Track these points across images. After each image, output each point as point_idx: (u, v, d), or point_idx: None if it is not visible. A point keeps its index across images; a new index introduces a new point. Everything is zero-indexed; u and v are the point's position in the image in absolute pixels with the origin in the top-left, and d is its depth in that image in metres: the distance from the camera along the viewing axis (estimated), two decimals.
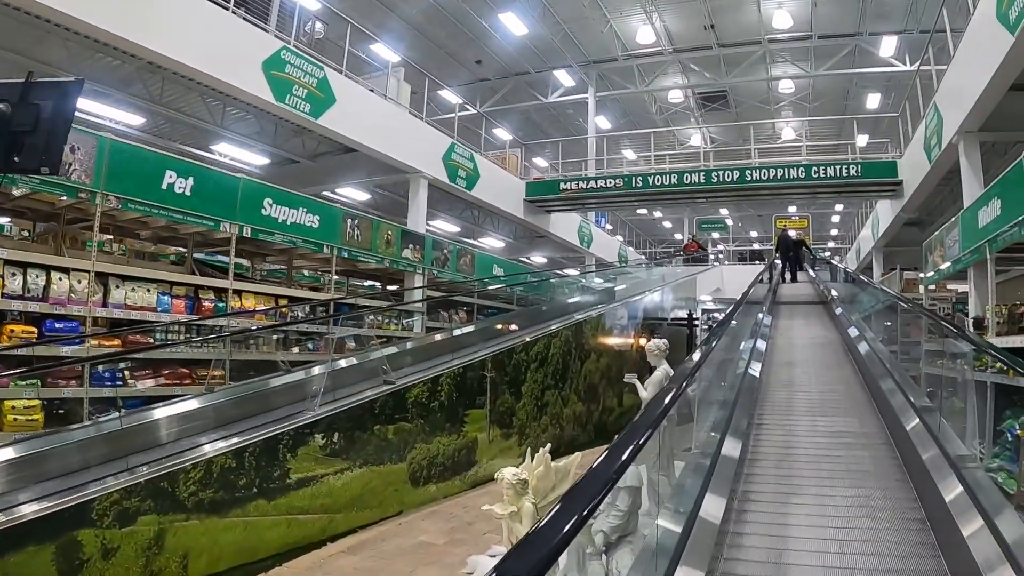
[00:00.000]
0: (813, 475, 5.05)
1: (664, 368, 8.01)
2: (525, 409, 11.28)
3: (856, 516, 4.30)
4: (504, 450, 10.56)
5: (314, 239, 11.68)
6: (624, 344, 15.96)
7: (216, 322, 9.87)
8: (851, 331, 10.88)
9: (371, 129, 14.17)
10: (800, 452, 5.60)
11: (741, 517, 4.37)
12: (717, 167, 20.35)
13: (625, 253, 31.27)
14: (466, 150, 17.65)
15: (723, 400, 6.05)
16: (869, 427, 6.27)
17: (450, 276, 15.41)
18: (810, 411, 6.89)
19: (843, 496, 4.61)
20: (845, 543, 3.92)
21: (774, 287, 17.59)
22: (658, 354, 8.16)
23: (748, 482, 4.97)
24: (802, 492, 4.73)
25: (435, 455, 9.09)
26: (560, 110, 28.38)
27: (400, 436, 8.56)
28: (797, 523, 4.24)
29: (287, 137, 15.50)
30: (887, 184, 18.00)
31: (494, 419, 10.46)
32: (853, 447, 5.70)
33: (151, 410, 6.64)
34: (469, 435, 9.88)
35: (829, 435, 6.07)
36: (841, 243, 40.47)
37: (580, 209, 23.52)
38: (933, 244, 12.40)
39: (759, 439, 5.95)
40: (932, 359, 9.54)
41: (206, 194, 9.52)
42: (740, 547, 4.00)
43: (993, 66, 9.33)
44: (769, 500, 4.64)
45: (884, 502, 4.50)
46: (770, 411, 6.93)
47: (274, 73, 12.01)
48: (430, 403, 9.09)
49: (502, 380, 10.74)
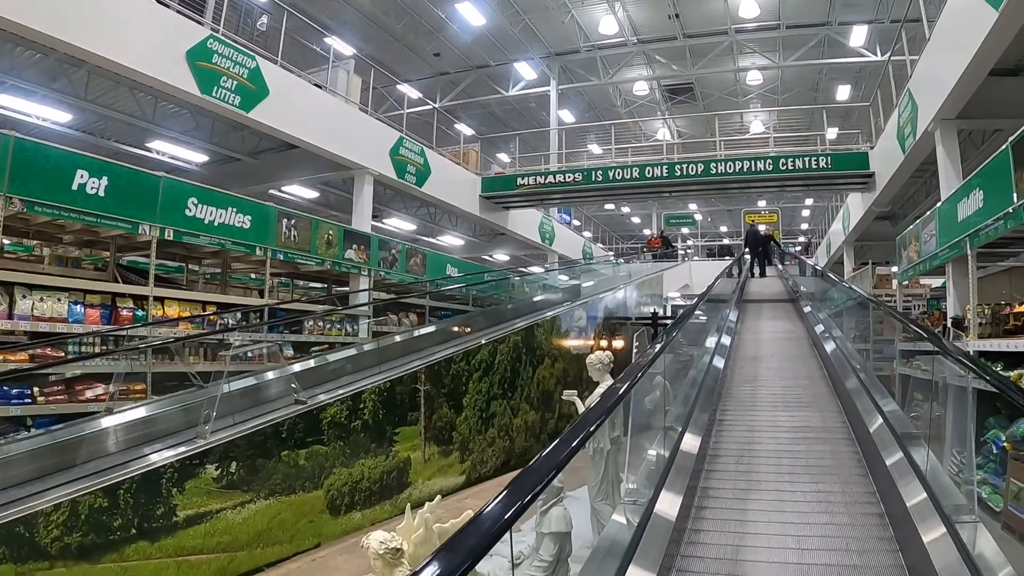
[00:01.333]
0: (773, 471, 4.98)
1: (608, 384, 7.26)
2: (467, 423, 10.48)
3: (815, 512, 4.26)
4: (443, 468, 9.79)
5: (245, 241, 10.92)
6: (583, 347, 15.24)
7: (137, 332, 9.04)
8: (818, 328, 10.64)
9: (310, 123, 13.33)
10: (762, 449, 5.51)
11: (700, 514, 4.30)
12: (682, 160, 19.68)
13: (590, 250, 30.56)
14: (416, 145, 16.80)
15: (684, 396, 5.95)
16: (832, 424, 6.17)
17: (399, 277, 14.62)
18: (773, 407, 6.79)
19: (803, 492, 4.57)
20: (803, 539, 3.88)
21: (742, 283, 17.08)
22: (600, 368, 7.42)
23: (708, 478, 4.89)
24: (761, 488, 4.67)
25: (358, 480, 8.25)
26: (522, 104, 27.63)
27: (314, 461, 7.71)
28: (755, 519, 4.18)
29: (225, 133, 14.67)
30: (858, 176, 17.46)
31: (430, 436, 9.66)
32: (815, 442, 5.64)
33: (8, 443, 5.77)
34: (400, 455, 9.05)
35: (790, 430, 5.98)
36: (812, 237, 40.27)
37: (539, 205, 22.71)
38: (907, 238, 11.81)
39: (720, 435, 5.85)
40: (904, 360, 9.19)
41: (122, 194, 8.79)
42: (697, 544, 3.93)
43: (973, 47, 8.72)
44: (729, 496, 4.57)
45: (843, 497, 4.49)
46: (733, 407, 6.76)
47: (200, 64, 11.13)
48: (351, 423, 8.25)
49: (439, 393, 9.93)
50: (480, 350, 10.91)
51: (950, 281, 9.75)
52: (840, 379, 7.27)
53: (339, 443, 8.04)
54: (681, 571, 3.60)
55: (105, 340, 8.52)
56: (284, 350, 11.29)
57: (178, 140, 14.77)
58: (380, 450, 8.70)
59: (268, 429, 7.10)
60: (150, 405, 7.05)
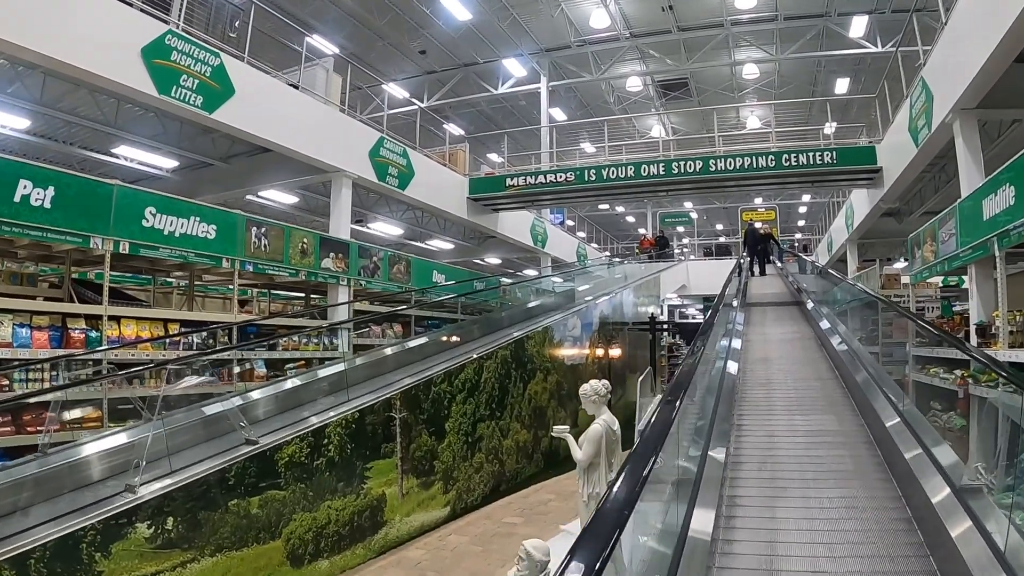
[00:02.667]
0: (797, 477, 5.01)
1: (605, 419, 6.41)
2: (451, 449, 9.63)
3: (843, 518, 4.30)
4: (424, 502, 8.92)
5: (211, 252, 10.14)
6: (577, 356, 14.43)
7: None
8: (824, 326, 10.48)
9: (282, 124, 12.45)
10: (783, 455, 5.53)
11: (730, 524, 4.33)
12: (678, 157, 18.70)
13: (584, 252, 29.69)
14: (398, 145, 15.90)
15: (703, 404, 5.80)
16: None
17: (381, 286, 13.77)
18: (788, 411, 6.83)
19: (828, 497, 4.60)
20: (833, 546, 3.92)
21: (743, 286, 16.38)
22: (596, 400, 6.57)
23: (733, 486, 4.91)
24: (787, 495, 4.70)
25: (324, 524, 7.35)
26: (512, 102, 26.84)
27: (270, 508, 6.81)
28: (785, 527, 4.22)
29: (194, 137, 13.79)
30: (865, 172, 16.60)
31: (408, 467, 8.78)
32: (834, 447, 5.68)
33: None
34: (373, 492, 8.16)
35: (808, 434, 6.03)
36: (810, 234, 39.63)
37: (530, 206, 21.72)
38: (922, 237, 10.99)
39: (740, 441, 5.89)
40: (920, 367, 8.65)
41: (71, 205, 8.04)
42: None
43: (999, 32, 7.89)
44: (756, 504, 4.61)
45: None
46: (749, 411, 6.83)
47: (156, 62, 10.25)
48: (313, 461, 7.35)
49: (417, 419, 9.04)
50: (464, 369, 10.05)
51: (973, 284, 8.94)
52: (853, 380, 7.16)
53: (299, 485, 7.14)
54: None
55: (55, 366, 7.76)
56: (256, 369, 10.56)
57: (145, 145, 13.87)
58: (349, 489, 7.81)
59: (212, 476, 6.22)
60: (76, 447, 6.17)
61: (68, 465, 5.84)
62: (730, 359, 8.07)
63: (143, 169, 14.98)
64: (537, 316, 13.83)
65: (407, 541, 8.40)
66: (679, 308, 35.29)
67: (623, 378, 17.81)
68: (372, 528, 8.05)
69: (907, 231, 19.38)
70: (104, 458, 6.00)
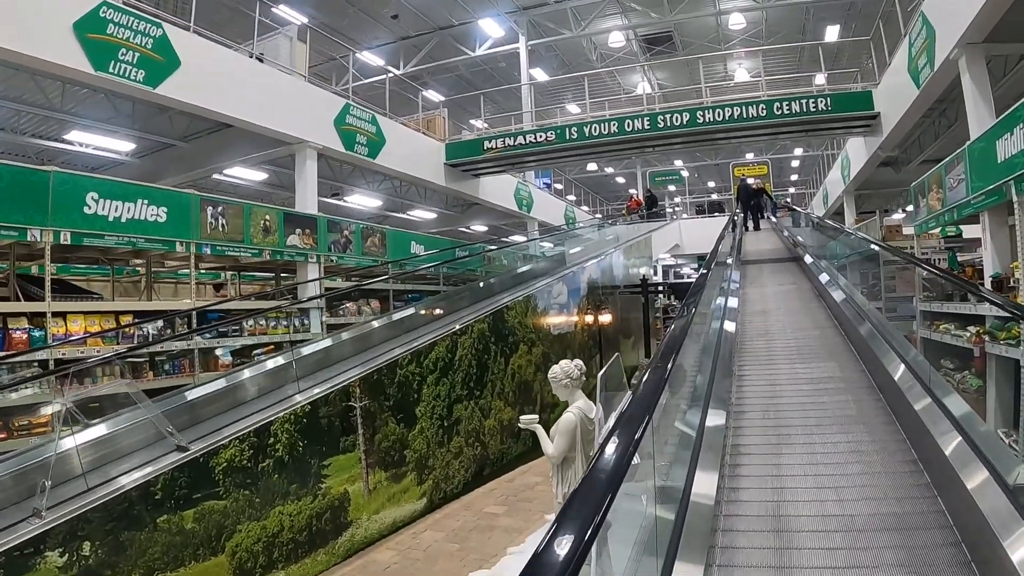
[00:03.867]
0: (800, 424, 4.98)
1: (579, 406, 5.59)
2: (423, 436, 8.95)
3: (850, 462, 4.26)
4: (395, 496, 8.27)
5: (162, 237, 9.50)
6: (565, 325, 13.77)
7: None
8: (823, 278, 10.05)
9: (236, 95, 11.63)
10: (786, 402, 5.48)
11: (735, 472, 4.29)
12: (665, 110, 17.78)
13: (573, 215, 28.87)
14: (366, 112, 15.04)
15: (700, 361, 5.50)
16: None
17: (355, 261, 13.06)
18: (790, 360, 6.74)
19: (833, 443, 4.58)
20: (841, 489, 3.88)
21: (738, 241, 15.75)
22: (568, 384, 5.77)
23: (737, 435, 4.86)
24: (792, 442, 4.67)
25: (276, 532, 6.68)
26: (492, 64, 25.82)
27: (209, 521, 6.14)
28: (791, 473, 4.19)
29: (149, 117, 12.99)
30: (861, 119, 15.79)
31: (374, 461, 8.10)
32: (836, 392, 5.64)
33: None
34: (334, 491, 7.47)
35: (811, 382, 5.96)
36: (804, 188, 38.89)
37: (511, 169, 20.87)
38: (926, 185, 10.26)
39: (742, 391, 5.82)
40: (932, 324, 8.13)
41: (3, 197, 7.52)
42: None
43: None
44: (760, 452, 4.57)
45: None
46: (750, 362, 6.75)
47: (91, 36, 9.41)
48: (257, 464, 6.66)
49: (381, 407, 8.34)
50: (435, 347, 9.35)
51: (987, 233, 8.24)
52: (855, 332, 6.87)
53: (243, 492, 6.46)
54: (726, 531, 3.54)
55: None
56: (222, 358, 9.91)
57: (98, 129, 13.05)
58: (304, 490, 7.12)
59: (134, 492, 5.52)
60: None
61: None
62: (727, 318, 7.63)
63: (102, 155, 14.28)
64: (520, 284, 13.14)
65: (377, 541, 7.76)
66: (673, 268, 34.67)
67: (616, 343, 17.20)
68: (335, 531, 7.39)
69: (906, 181, 18.69)
70: (18, 478, 5.31)
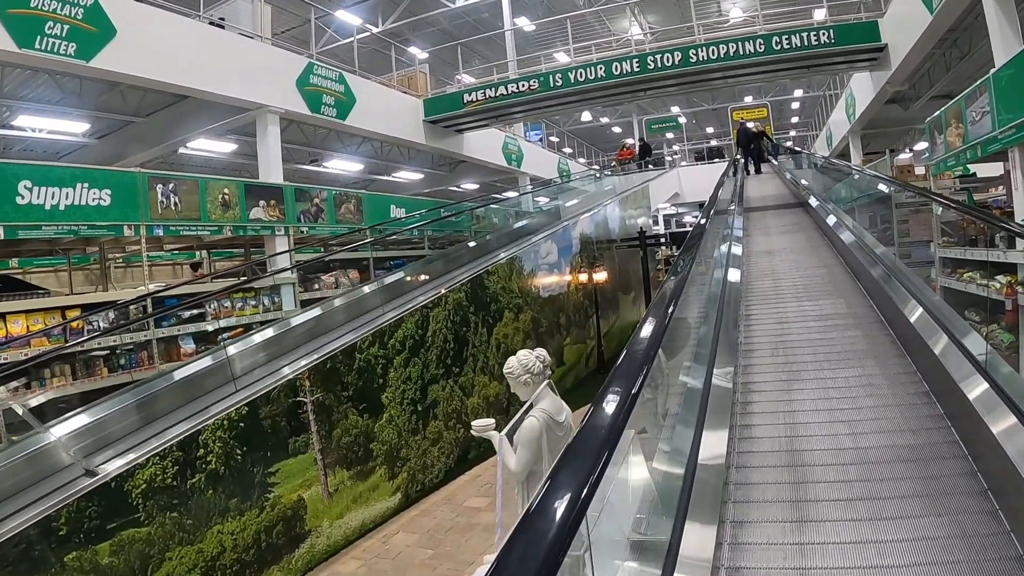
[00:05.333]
0: (811, 359, 4.93)
1: (545, 408, 4.21)
2: (393, 425, 8.14)
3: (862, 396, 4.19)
4: (363, 496, 7.47)
5: (106, 221, 8.75)
6: (556, 285, 12.95)
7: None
8: (830, 220, 9.43)
9: (182, 62, 10.67)
10: (795, 339, 5.44)
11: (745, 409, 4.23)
12: (655, 50, 16.51)
13: (566, 167, 27.76)
14: (332, 71, 13.98)
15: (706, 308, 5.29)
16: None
17: (328, 230, 12.23)
18: (796, 298, 6.69)
19: (844, 377, 4.52)
20: (854, 423, 3.81)
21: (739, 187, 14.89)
22: (527, 380, 4.33)
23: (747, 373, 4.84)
24: (803, 377, 4.62)
25: (217, 554, 5.89)
26: (475, 16, 24.47)
27: (130, 552, 5.33)
28: (803, 408, 4.13)
29: (99, 93, 12.14)
30: (867, 51, 14.62)
31: (334, 459, 7.29)
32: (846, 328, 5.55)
33: None
34: (284, 500, 6.66)
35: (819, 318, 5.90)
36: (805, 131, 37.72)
37: (495, 123, 19.70)
38: (943, 119, 9.31)
39: (751, 329, 5.81)
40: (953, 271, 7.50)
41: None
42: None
43: None
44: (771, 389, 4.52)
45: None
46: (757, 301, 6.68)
47: (11, 12, 8.51)
48: (185, 481, 5.83)
49: (338, 398, 7.49)
50: (401, 325, 8.49)
51: (1017, 171, 7.38)
52: (864, 268, 6.65)
53: (170, 515, 5.66)
54: (740, 468, 3.49)
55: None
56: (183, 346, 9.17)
57: (47, 112, 12.26)
58: (247, 504, 6.33)
59: (32, 530, 4.69)
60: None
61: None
62: (731, 265, 7.28)
63: (59, 139, 13.62)
64: (502, 247, 12.28)
65: (344, 548, 7.03)
66: (674, 217, 33.76)
67: (615, 301, 16.43)
68: (290, 543, 6.63)
69: (914, 118, 17.72)
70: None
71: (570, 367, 12.73)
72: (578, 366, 13.12)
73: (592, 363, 13.72)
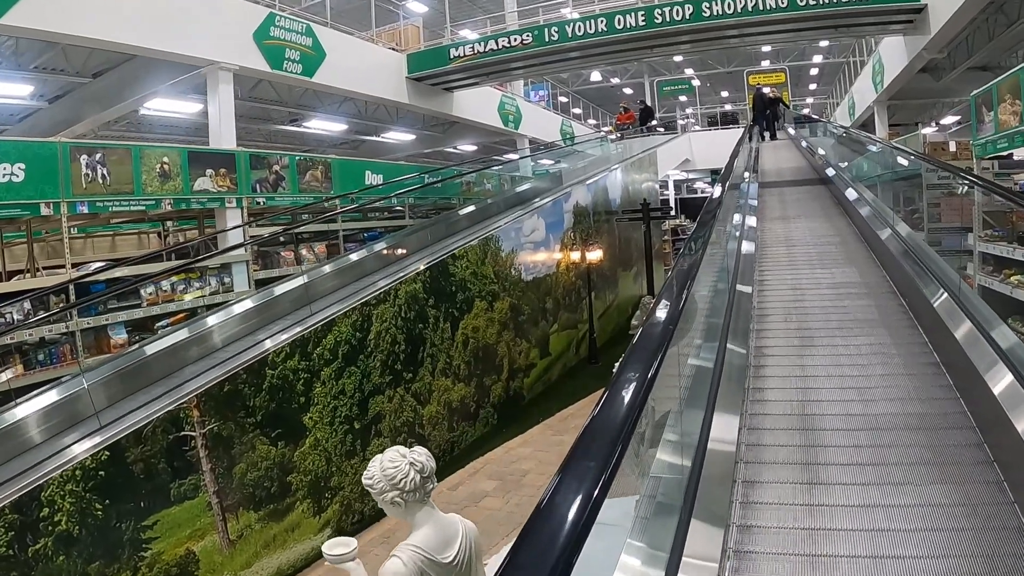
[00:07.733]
0: (823, 327, 4.92)
1: (422, 539, 2.77)
2: (319, 451, 6.90)
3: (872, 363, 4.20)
4: (277, 538, 6.28)
5: (19, 200, 7.72)
6: (543, 265, 11.71)
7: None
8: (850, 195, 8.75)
9: (115, 16, 9.59)
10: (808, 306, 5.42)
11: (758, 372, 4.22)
12: (663, 2, 14.92)
13: (570, 129, 26.26)
14: (298, 23, 12.62)
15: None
16: None
17: (290, 200, 11.00)
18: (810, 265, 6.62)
19: (856, 345, 4.51)
20: (864, 390, 3.85)
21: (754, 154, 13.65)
22: (395, 498, 2.80)
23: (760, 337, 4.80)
24: (815, 344, 4.60)
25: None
26: None
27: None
28: (815, 374, 4.13)
29: (40, 52, 11.20)
30: (903, 12, 13.24)
31: (237, 500, 6.10)
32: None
33: None
34: (166, 557, 5.47)
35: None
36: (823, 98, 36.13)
37: (487, 80, 18.29)
38: (997, 93, 7.93)
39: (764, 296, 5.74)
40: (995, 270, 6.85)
41: None
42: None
43: None
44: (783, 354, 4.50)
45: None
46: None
47: None
48: (25, 548, 4.59)
49: (239, 427, 6.23)
50: (331, 330, 7.23)
51: None
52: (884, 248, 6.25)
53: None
54: (752, 429, 3.49)
55: None
56: (113, 336, 8.07)
57: None
58: (115, 567, 5.10)
59: None
60: None
61: None
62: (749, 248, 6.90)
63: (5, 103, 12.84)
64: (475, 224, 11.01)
65: None
66: (685, 183, 32.37)
67: (614, 278, 15.18)
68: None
69: (946, 90, 16.32)
70: None
71: (557, 356, 11.54)
72: (567, 354, 11.91)
73: (584, 350, 12.50)
